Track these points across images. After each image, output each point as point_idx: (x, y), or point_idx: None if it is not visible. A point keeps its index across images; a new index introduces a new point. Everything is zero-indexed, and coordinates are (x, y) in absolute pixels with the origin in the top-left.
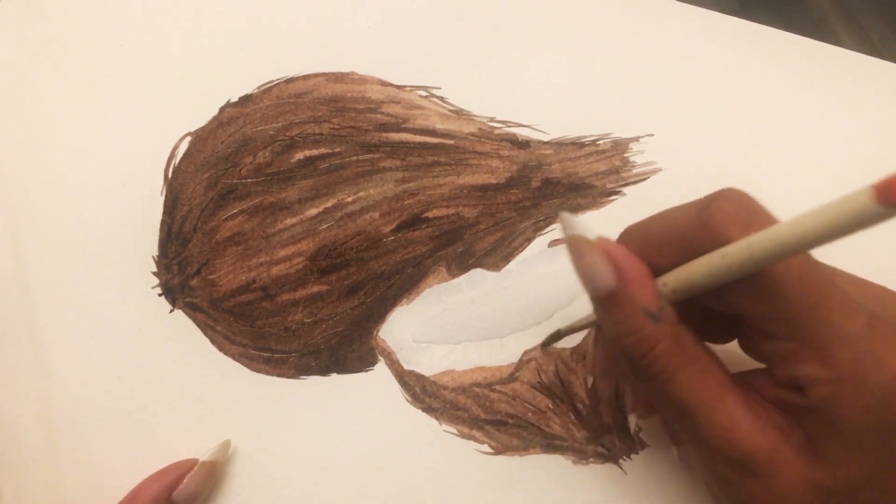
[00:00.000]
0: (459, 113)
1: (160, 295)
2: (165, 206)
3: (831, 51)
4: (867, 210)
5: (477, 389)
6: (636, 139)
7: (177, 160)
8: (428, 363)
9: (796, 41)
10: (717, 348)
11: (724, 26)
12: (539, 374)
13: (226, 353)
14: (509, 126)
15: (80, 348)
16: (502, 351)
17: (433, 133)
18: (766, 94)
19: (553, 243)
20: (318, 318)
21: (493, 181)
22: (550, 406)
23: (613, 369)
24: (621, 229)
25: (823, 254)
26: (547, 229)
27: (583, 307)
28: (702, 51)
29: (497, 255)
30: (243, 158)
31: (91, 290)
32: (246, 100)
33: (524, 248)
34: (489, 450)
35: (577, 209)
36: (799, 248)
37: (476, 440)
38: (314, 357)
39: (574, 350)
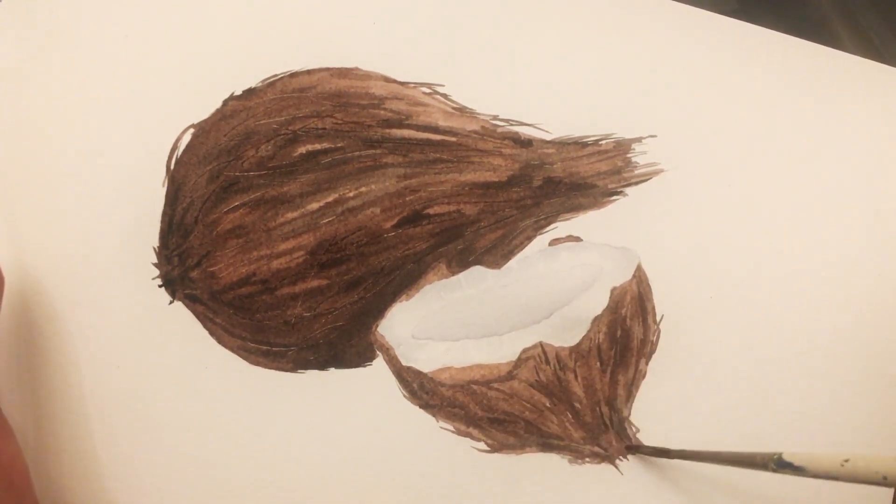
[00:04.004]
0: (462, 110)
1: (160, 286)
2: (167, 197)
3: (833, 54)
4: None
5: (475, 387)
6: (639, 140)
7: (179, 152)
8: (426, 360)
9: (797, 44)
10: None
11: (727, 28)
12: (537, 373)
13: (224, 345)
14: (512, 124)
15: (79, 338)
16: (501, 349)
17: (436, 130)
18: (767, 96)
19: (553, 242)
20: (318, 312)
21: (495, 179)
22: (548, 405)
23: None
24: (623, 230)
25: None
26: (548, 228)
27: (579, 307)
28: (705, 53)
29: (497, 253)
30: (246, 151)
31: (91, 280)
32: (249, 93)
33: (525, 247)
34: (485, 447)
35: (578, 209)
36: None
37: (472, 437)
38: (312, 351)
39: (572, 349)
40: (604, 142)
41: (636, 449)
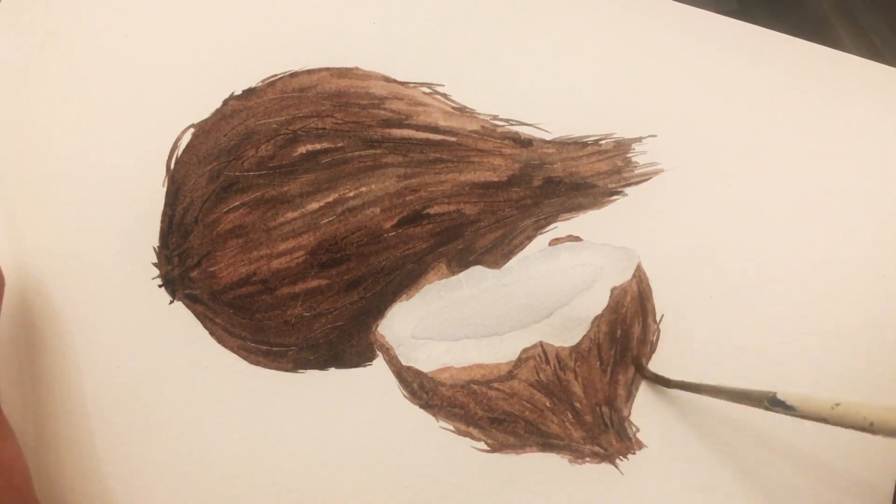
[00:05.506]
0: (462, 110)
1: (160, 286)
2: (167, 197)
3: (833, 54)
4: None
5: (475, 387)
6: (639, 139)
7: (179, 152)
8: (426, 359)
9: (797, 44)
10: None
11: (727, 28)
12: (537, 373)
13: (224, 345)
14: (512, 124)
15: (80, 337)
16: (501, 349)
17: (436, 130)
18: (767, 96)
19: (553, 242)
20: (318, 312)
21: (495, 179)
22: (548, 404)
23: None
24: (623, 230)
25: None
26: (547, 228)
27: (579, 307)
28: (705, 53)
29: (497, 253)
30: (246, 151)
31: (91, 280)
32: (250, 93)
33: (524, 247)
34: (485, 447)
35: (578, 208)
36: None
37: (473, 437)
38: (313, 351)
39: (572, 349)
40: (604, 142)
41: (640, 370)
